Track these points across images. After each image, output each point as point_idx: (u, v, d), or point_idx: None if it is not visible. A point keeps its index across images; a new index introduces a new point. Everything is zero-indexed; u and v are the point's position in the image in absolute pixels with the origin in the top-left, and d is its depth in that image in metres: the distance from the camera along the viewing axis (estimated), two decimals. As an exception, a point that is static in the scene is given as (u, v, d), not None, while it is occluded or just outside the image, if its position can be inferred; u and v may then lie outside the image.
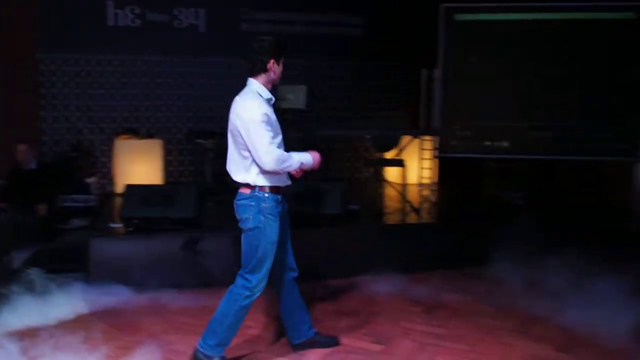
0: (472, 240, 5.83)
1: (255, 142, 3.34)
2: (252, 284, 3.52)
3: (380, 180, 7.95)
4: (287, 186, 3.61)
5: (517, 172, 8.08)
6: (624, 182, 7.25)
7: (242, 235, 3.57)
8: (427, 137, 7.59)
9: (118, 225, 5.39)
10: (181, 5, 8.21)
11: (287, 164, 3.42)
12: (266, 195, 3.46)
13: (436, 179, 7.91)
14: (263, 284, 3.55)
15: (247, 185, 3.48)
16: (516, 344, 4.08)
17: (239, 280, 3.57)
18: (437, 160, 7.74)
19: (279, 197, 3.53)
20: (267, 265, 3.53)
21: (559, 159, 7.69)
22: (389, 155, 7.49)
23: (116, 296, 4.81)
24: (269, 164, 3.35)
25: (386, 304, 4.87)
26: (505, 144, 7.30)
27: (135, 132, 7.70)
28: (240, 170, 3.51)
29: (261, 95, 3.46)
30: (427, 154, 7.62)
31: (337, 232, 5.63)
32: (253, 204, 3.45)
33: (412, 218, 6.25)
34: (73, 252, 5.40)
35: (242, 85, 3.62)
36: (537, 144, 7.22)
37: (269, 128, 3.37)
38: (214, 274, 5.22)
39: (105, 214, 6.33)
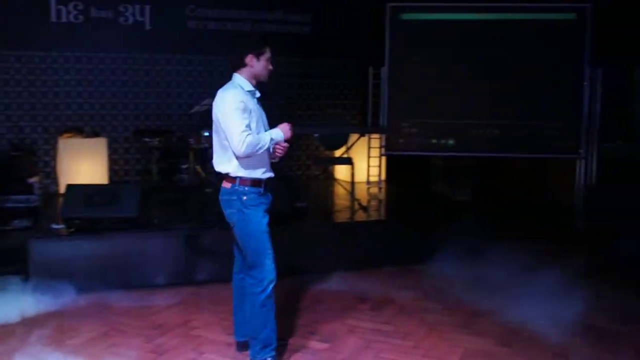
0: (419, 237, 5.91)
1: (229, 129, 3.41)
2: (257, 279, 3.55)
3: (329, 178, 8.00)
4: (269, 179, 3.63)
5: (464, 170, 8.24)
6: (568, 179, 7.46)
7: (233, 232, 3.62)
8: (375, 135, 7.66)
9: (60, 226, 5.25)
10: (127, 1, 8.06)
11: (259, 145, 3.44)
12: (247, 188, 3.51)
13: (384, 177, 7.98)
14: (272, 274, 3.56)
15: (228, 178, 3.54)
16: (460, 339, 4.15)
17: (247, 279, 3.63)
18: (385, 158, 7.81)
19: (261, 189, 3.56)
20: (268, 256, 3.55)
21: (504, 156, 7.88)
22: (338, 153, 7.54)
23: (59, 298, 4.70)
24: (242, 149, 3.37)
25: (333, 302, 4.89)
26: (451, 141, 7.42)
27: (79, 131, 7.52)
28: (222, 161, 3.57)
29: (242, 88, 3.53)
30: (375, 152, 7.69)
31: (286, 230, 5.61)
32: (235, 197, 3.52)
33: (360, 216, 6.29)
34: (13, 254, 5.24)
35: (189, 82, 3.65)
36: (482, 141, 7.36)
37: (245, 116, 3.43)
38: (160, 273, 5.18)
39: (48, 214, 6.17)
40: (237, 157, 3.47)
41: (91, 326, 4.31)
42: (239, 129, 3.38)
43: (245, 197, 3.50)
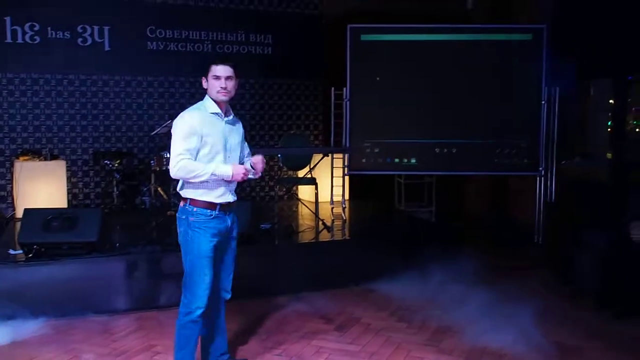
0: (382, 256, 5.92)
1: (171, 149, 3.42)
2: (186, 299, 3.49)
3: (293, 198, 7.98)
4: (229, 203, 3.56)
5: (426, 188, 8.33)
6: (528, 196, 7.59)
7: None
8: (338, 155, 7.68)
9: (18, 252, 5.11)
10: (85, 22, 7.96)
11: (194, 173, 3.36)
12: (195, 209, 3.45)
13: (347, 196, 8.00)
14: (200, 301, 3.45)
15: (182, 197, 3.51)
16: (426, 358, 4.16)
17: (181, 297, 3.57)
18: (348, 178, 7.84)
19: (214, 212, 3.47)
20: (200, 282, 3.45)
21: (464, 174, 8.00)
22: (301, 173, 7.53)
23: (16, 326, 4.55)
24: (173, 171, 3.36)
25: (299, 323, 4.85)
26: (414, 160, 7.50)
27: (37, 153, 7.36)
28: (180, 181, 3.54)
29: (206, 109, 3.49)
30: (338, 172, 7.71)
31: (251, 251, 5.57)
32: (183, 217, 3.49)
33: (324, 235, 6.28)
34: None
35: (149, 104, 3.63)
36: (444, 160, 7.45)
37: (191, 140, 3.37)
38: (121, 298, 5.07)
39: (4, 240, 6.00)
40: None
41: (52, 354, 4.18)
42: (176, 151, 3.35)
43: (192, 219, 3.46)
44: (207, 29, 8.59)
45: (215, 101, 3.51)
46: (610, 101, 7.66)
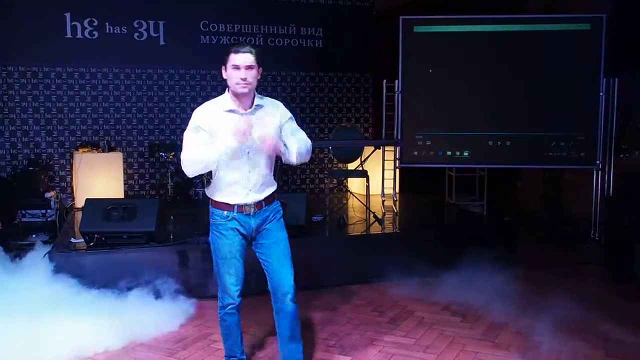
0: (435, 249, 5.88)
1: None
2: (219, 294, 3.49)
3: (344, 191, 7.99)
4: (249, 205, 3.34)
5: (478, 181, 8.21)
6: (584, 191, 7.41)
7: None
8: (389, 148, 7.65)
9: (79, 241, 5.27)
10: (141, 17, 8.15)
11: (203, 164, 3.19)
12: (214, 210, 3.37)
13: (398, 190, 7.96)
14: (229, 298, 3.42)
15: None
16: (482, 353, 4.12)
17: None
18: (399, 171, 7.80)
19: (231, 213, 3.32)
20: (225, 281, 3.40)
21: (518, 167, 7.84)
22: (352, 166, 7.53)
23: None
24: (184, 168, 3.23)
25: (352, 315, 4.87)
26: (466, 153, 7.40)
27: (95, 145, 7.58)
28: None
29: (220, 106, 3.26)
30: (389, 165, 7.68)
31: (303, 243, 5.61)
32: (209, 217, 3.42)
33: (375, 228, 6.27)
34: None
35: (202, 97, 3.66)
36: (497, 153, 7.33)
37: (198, 136, 3.20)
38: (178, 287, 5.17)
39: (66, 229, 6.19)
40: (211, 177, 3.36)
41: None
42: (184, 149, 3.23)
43: (212, 220, 3.39)
44: (259, 23, 8.68)
45: (234, 94, 3.22)
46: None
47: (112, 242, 5.16)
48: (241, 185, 3.31)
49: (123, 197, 7.36)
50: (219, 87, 8.44)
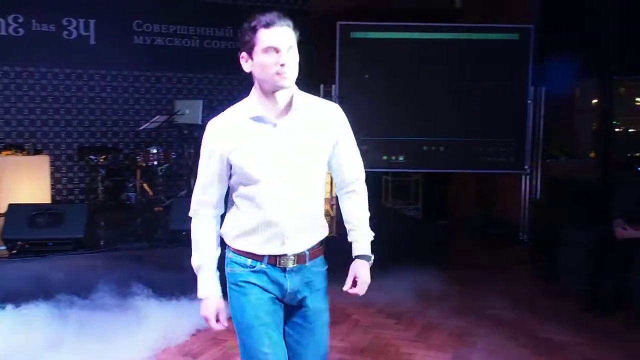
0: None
1: None
2: None
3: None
4: (285, 257, 2.26)
5: (412, 186, 8.35)
6: (513, 194, 7.63)
7: None
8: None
9: (1, 248, 5.04)
10: (70, 15, 7.87)
11: (194, 246, 2.33)
12: (231, 255, 2.32)
13: (334, 194, 7.99)
14: None
15: None
16: (417, 353, 4.16)
17: None
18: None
19: (257, 263, 2.26)
20: (249, 351, 2.25)
21: (452, 172, 7.99)
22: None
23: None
24: (190, 212, 2.37)
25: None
26: (401, 158, 7.50)
27: (20, 148, 7.26)
28: None
29: (243, 113, 2.27)
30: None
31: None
32: (223, 264, 2.36)
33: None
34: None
35: (135, 99, 3.41)
36: (431, 158, 7.45)
37: (210, 164, 2.25)
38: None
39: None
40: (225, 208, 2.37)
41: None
42: (196, 184, 2.35)
43: (227, 269, 2.33)
44: (195, 24, 8.54)
45: (266, 91, 2.23)
46: (594, 101, 7.75)
47: (36, 250, 4.95)
48: (274, 227, 2.24)
49: (50, 202, 7.08)
50: (152, 89, 8.27)
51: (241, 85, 8.79)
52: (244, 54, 2.23)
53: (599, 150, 7.42)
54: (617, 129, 7.69)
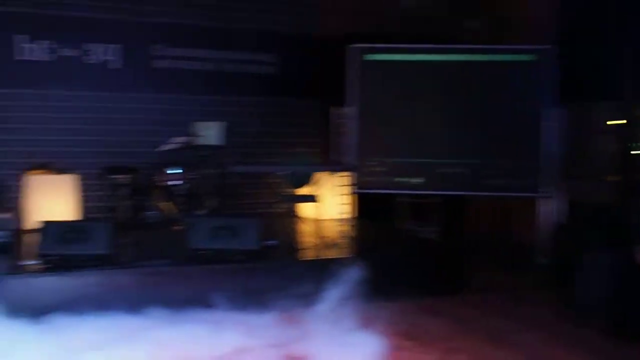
0: (388, 274, 5.99)
1: None
2: None
3: (294, 216, 8.06)
4: None
5: (430, 207, 8.40)
6: (533, 218, 7.65)
7: None
8: (341, 173, 7.79)
9: (32, 262, 5.19)
10: (93, 40, 8.11)
11: None
12: None
13: (352, 214, 8.08)
14: None
15: None
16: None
17: None
18: (354, 196, 7.90)
19: None
20: None
21: (468, 194, 8.03)
22: (303, 191, 7.64)
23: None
24: None
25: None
26: (418, 180, 7.56)
27: (47, 167, 7.45)
28: None
29: None
30: (342, 190, 7.80)
31: (255, 267, 5.67)
32: None
33: (328, 253, 6.33)
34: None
35: (154, 120, 3.44)
36: (448, 180, 7.51)
37: None
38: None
39: (17, 251, 6.06)
40: None
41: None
42: None
43: None
44: (212, 48, 8.75)
45: None
46: (612, 122, 7.71)
47: (67, 265, 5.10)
48: None
49: (77, 219, 7.25)
50: (170, 111, 8.43)
51: (259, 107, 8.97)
52: None
53: (618, 173, 7.38)
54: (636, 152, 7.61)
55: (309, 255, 6.29)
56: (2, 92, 7.71)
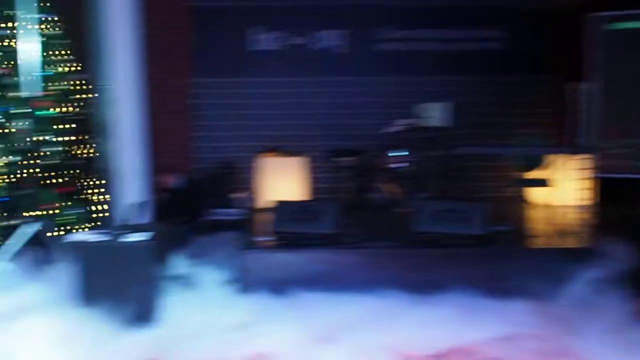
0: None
1: None
2: None
3: (523, 200, 7.61)
4: None
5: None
6: None
7: None
8: (577, 156, 7.16)
9: (267, 239, 5.53)
10: (321, 28, 8.44)
11: None
12: None
13: (593, 201, 7.38)
14: None
15: None
16: None
17: None
18: (594, 181, 7.23)
19: None
20: None
21: None
22: (534, 174, 7.16)
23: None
24: None
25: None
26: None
27: (280, 150, 7.93)
28: None
29: None
30: (579, 174, 7.16)
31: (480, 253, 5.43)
32: None
33: (563, 242, 5.85)
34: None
35: (377, 103, 3.40)
36: None
37: None
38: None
39: (251, 228, 6.52)
40: None
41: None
42: None
43: None
44: (437, 27, 8.60)
45: None
46: None
47: (297, 243, 5.35)
48: None
49: (306, 199, 7.61)
50: (393, 94, 8.44)
51: (487, 86, 8.59)
52: None
53: None
54: None
55: (543, 243, 5.84)
56: (237, 80, 8.36)
